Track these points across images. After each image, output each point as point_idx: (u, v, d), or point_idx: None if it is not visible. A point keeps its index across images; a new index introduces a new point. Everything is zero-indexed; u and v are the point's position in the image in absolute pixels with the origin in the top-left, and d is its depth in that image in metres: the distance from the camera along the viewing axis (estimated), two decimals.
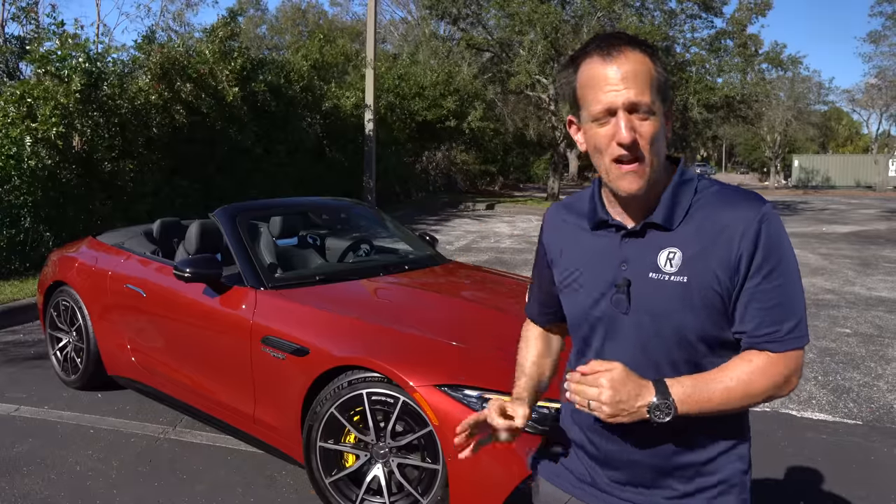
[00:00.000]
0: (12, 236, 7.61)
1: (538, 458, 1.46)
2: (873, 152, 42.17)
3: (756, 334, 1.19)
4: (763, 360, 1.18)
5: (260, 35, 37.13)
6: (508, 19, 18.95)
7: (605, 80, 1.16)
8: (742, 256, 1.17)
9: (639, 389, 1.15)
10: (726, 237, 1.18)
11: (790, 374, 1.20)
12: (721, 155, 67.64)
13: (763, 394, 1.19)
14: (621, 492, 1.30)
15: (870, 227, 15.31)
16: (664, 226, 1.22)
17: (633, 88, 1.15)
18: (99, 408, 4.04)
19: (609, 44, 1.18)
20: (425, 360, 2.66)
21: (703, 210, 1.22)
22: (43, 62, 8.26)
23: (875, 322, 6.29)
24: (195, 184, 10.88)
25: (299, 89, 13.91)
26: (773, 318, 1.18)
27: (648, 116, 1.16)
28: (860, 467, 3.36)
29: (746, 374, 1.18)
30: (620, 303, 1.24)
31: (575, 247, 1.33)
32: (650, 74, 1.17)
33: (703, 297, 1.19)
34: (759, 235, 1.16)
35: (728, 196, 1.22)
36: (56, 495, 3.01)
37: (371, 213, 4.90)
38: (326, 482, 2.76)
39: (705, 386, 1.17)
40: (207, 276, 3.29)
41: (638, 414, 1.15)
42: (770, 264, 1.17)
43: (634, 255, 1.24)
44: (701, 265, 1.19)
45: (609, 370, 1.15)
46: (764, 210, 1.18)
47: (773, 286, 1.17)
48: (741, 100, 20.00)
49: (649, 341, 1.23)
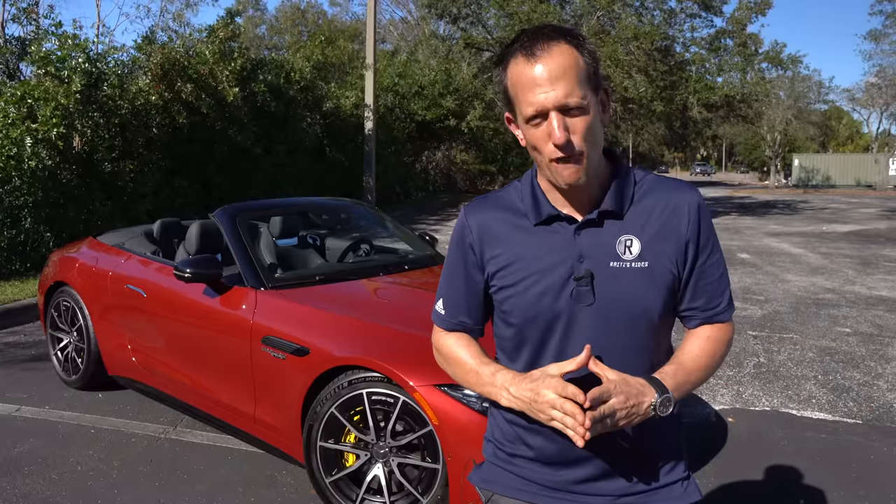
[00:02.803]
0: (13, 237, 7.62)
1: (486, 478, 1.38)
2: (873, 151, 42.13)
3: (707, 308, 1.30)
4: (718, 331, 1.31)
5: (259, 35, 37.14)
6: (508, 19, 18.93)
7: (532, 81, 1.14)
8: (690, 240, 1.25)
9: (640, 388, 1.16)
10: (675, 222, 1.25)
11: (731, 339, 1.34)
12: (721, 154, 67.67)
13: (720, 362, 1.31)
14: (590, 488, 1.28)
15: (870, 227, 15.31)
16: (615, 212, 1.24)
17: (562, 88, 1.13)
18: (100, 408, 4.04)
19: (533, 41, 1.15)
20: (425, 359, 2.64)
21: (648, 197, 1.27)
22: (43, 63, 8.27)
23: (875, 321, 6.30)
24: (195, 184, 10.89)
25: (299, 89, 13.92)
26: (717, 292, 1.30)
27: (580, 113, 1.15)
28: (860, 466, 3.36)
29: (711, 348, 1.29)
30: (583, 295, 1.22)
31: (516, 244, 1.28)
32: (577, 67, 1.14)
33: (663, 279, 1.24)
34: (700, 218, 1.26)
35: (665, 183, 1.30)
36: (57, 495, 3.02)
37: (371, 213, 4.90)
38: (327, 482, 2.76)
39: (684, 370, 1.25)
40: (208, 276, 3.29)
41: (645, 414, 1.17)
42: (711, 243, 1.28)
43: (591, 247, 1.23)
44: (658, 249, 1.24)
45: (613, 381, 1.15)
46: (698, 195, 1.28)
47: (713, 263, 1.29)
48: (741, 99, 19.97)
49: (613, 330, 1.23)
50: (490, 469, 1.38)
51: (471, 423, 2.42)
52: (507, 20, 19.02)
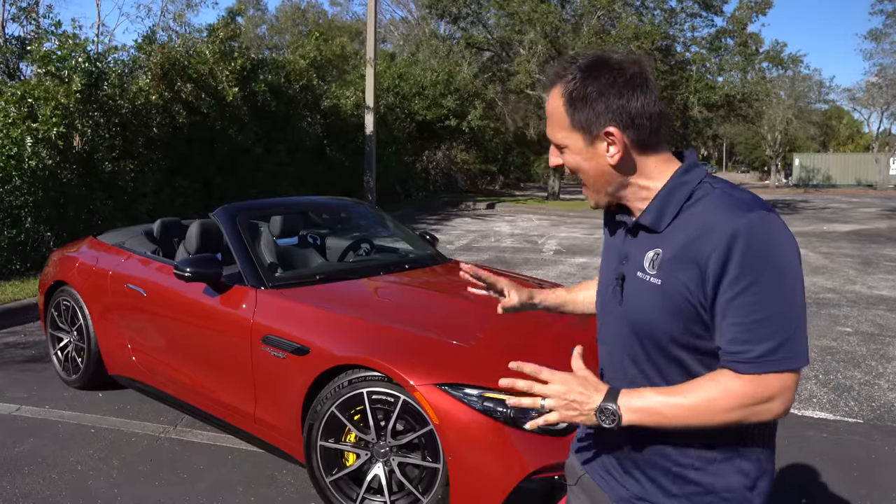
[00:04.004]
0: (13, 236, 7.62)
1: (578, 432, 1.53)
2: (874, 151, 42.12)
3: (728, 351, 1.13)
4: (731, 380, 1.13)
5: (260, 35, 37.14)
6: (508, 18, 18.94)
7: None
8: (711, 268, 1.12)
9: (591, 391, 1.21)
10: (699, 245, 1.14)
11: (766, 399, 1.12)
12: (722, 154, 67.62)
13: (728, 415, 1.13)
14: (620, 478, 1.33)
15: (871, 226, 15.30)
16: (651, 228, 1.24)
17: (550, 128, 1.28)
18: (100, 407, 4.04)
19: (546, 79, 1.30)
20: (425, 358, 2.66)
21: (690, 214, 1.19)
22: (43, 62, 8.27)
23: (876, 321, 6.29)
24: (195, 184, 10.89)
25: (299, 89, 13.92)
26: (746, 337, 1.11)
27: (563, 150, 1.27)
28: (861, 466, 3.35)
29: (710, 393, 1.14)
30: (617, 295, 1.30)
31: (606, 237, 1.44)
32: (559, 112, 1.24)
33: (674, 301, 1.17)
34: (732, 248, 1.10)
35: (719, 201, 1.17)
36: (57, 495, 3.01)
37: (371, 212, 4.90)
38: (327, 481, 2.76)
39: (660, 401, 1.17)
40: (208, 275, 3.29)
41: (589, 416, 1.20)
42: (746, 279, 1.09)
43: (631, 253, 1.29)
44: (674, 270, 1.18)
45: (570, 373, 1.24)
46: (746, 220, 1.11)
47: (747, 302, 1.10)
48: (742, 98, 19.97)
49: (628, 337, 1.28)
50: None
51: (471, 422, 2.42)
52: (507, 20, 19.03)
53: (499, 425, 2.40)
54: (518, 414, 2.40)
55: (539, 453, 2.36)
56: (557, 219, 16.43)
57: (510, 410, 2.40)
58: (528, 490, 2.36)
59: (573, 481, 1.46)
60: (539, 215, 17.55)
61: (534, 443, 2.38)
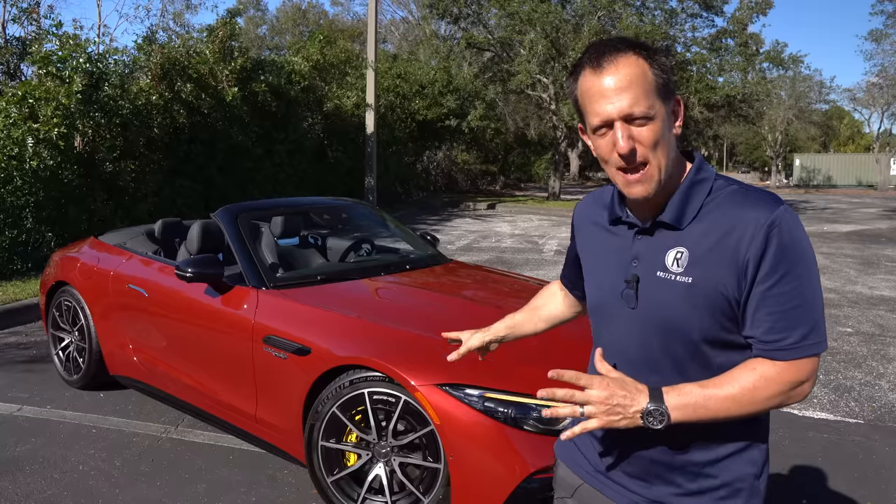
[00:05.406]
0: (14, 237, 7.62)
1: (560, 442, 1.48)
2: (875, 151, 42.08)
3: (764, 340, 1.16)
4: (769, 368, 1.16)
5: (260, 35, 37.14)
6: (509, 19, 18.93)
7: (599, 93, 1.17)
8: (750, 261, 1.14)
9: (634, 394, 1.16)
10: (734, 240, 1.15)
11: (800, 382, 1.17)
12: (722, 154, 67.60)
13: (769, 402, 1.17)
14: (630, 483, 1.31)
15: (871, 226, 15.29)
16: (673, 225, 1.22)
17: (627, 98, 1.14)
18: (101, 407, 4.05)
19: (600, 53, 1.18)
20: (426, 359, 2.66)
21: (715, 211, 1.20)
22: (44, 63, 8.27)
23: (876, 321, 6.29)
24: (196, 184, 10.90)
25: (300, 90, 13.92)
26: (783, 325, 1.15)
27: (647, 122, 1.16)
28: (862, 466, 3.36)
29: (750, 382, 1.16)
30: (629, 298, 1.27)
31: (596, 239, 1.39)
32: (645, 78, 1.15)
33: (708, 298, 1.17)
34: (769, 239, 1.13)
35: (741, 197, 1.19)
36: (58, 495, 3.02)
37: (372, 212, 4.91)
38: (328, 481, 2.76)
39: (702, 394, 1.16)
40: (209, 276, 3.30)
41: (633, 420, 1.16)
42: (781, 270, 1.14)
43: (645, 253, 1.26)
44: (708, 267, 1.18)
45: (608, 377, 1.18)
46: (777, 213, 1.14)
47: (782, 291, 1.14)
48: (742, 99, 19.97)
49: (651, 338, 1.25)
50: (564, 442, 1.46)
51: (472, 422, 2.42)
52: (507, 20, 19.02)
53: (500, 425, 2.40)
54: (519, 414, 2.40)
55: (540, 454, 2.36)
56: (558, 219, 16.42)
57: (511, 411, 2.40)
58: (529, 490, 2.36)
59: (568, 493, 1.42)
60: (539, 215, 17.55)
61: (535, 443, 2.38)
